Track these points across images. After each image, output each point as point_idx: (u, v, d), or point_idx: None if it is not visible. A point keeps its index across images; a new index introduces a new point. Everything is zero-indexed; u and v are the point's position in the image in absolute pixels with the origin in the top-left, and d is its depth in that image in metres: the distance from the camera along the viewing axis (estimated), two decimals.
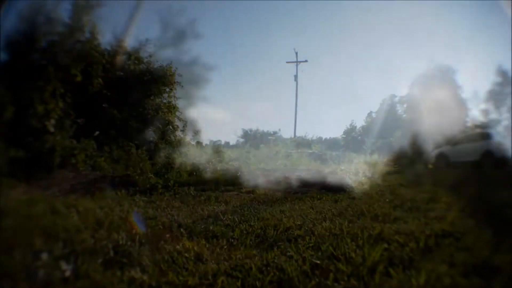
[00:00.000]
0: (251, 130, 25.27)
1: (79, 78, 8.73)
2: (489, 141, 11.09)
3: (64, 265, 3.14)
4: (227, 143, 21.43)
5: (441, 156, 12.40)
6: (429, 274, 3.01)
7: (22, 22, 7.94)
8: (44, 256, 3.21)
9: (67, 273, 3.05)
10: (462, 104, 13.07)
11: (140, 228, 4.51)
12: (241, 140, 20.06)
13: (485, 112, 12.59)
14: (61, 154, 7.75)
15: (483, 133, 11.77)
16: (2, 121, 6.67)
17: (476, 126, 12.64)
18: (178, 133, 13.33)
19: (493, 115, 12.37)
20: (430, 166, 12.88)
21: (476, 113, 12.97)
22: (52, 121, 7.87)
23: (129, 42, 12.66)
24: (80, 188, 6.99)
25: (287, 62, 32.06)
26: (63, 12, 8.69)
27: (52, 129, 7.78)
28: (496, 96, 12.00)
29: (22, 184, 6.38)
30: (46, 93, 7.84)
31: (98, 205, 5.63)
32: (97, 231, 4.13)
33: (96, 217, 4.73)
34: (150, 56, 12.93)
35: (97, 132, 8.92)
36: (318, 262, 3.39)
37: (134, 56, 12.10)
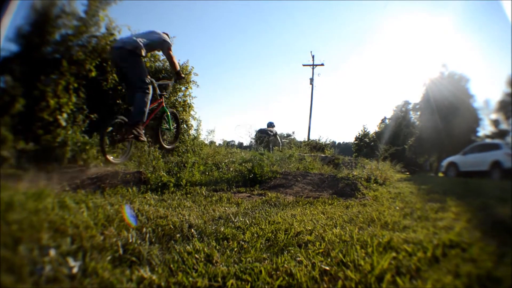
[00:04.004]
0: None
1: (93, 74, 8.77)
2: (497, 152, 11.10)
3: (71, 262, 3.09)
4: (240, 144, 21.55)
5: (451, 165, 12.42)
6: (434, 284, 3.02)
7: (35, 13, 7.96)
8: (51, 251, 3.20)
9: (75, 270, 3.01)
10: (474, 113, 13.10)
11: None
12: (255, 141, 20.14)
13: (495, 122, 12.57)
14: (73, 149, 7.78)
15: (492, 144, 11.79)
16: (12, 113, 6.71)
17: (486, 136, 12.66)
18: (192, 132, 13.40)
19: (503, 126, 12.34)
20: (440, 174, 12.93)
21: (487, 123, 12.96)
22: (65, 115, 7.90)
23: None
24: (91, 183, 6.98)
25: (304, 65, 32.45)
26: (78, 6, 8.74)
27: (64, 123, 7.82)
28: (506, 107, 11.98)
29: (30, 177, 6.41)
30: (59, 86, 7.88)
31: (108, 202, 5.60)
32: (106, 228, 4.10)
33: (106, 213, 4.69)
34: None
35: (110, 128, 8.97)
36: (327, 268, 3.32)
37: (150, 53, 12.21)
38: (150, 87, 8.35)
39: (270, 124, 20.39)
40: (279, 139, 20.00)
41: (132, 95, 8.18)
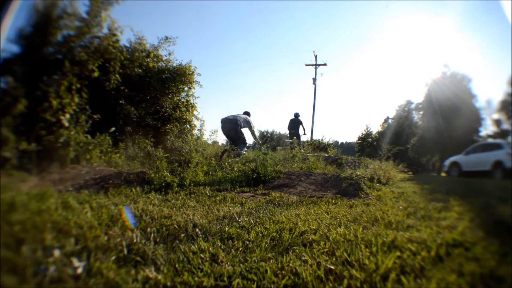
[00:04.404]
0: (267, 132, 25.42)
1: (96, 74, 8.77)
2: (499, 152, 11.09)
3: (76, 262, 3.07)
4: None
5: (453, 165, 12.42)
6: (439, 283, 3.02)
7: (37, 14, 7.96)
8: (56, 252, 3.19)
9: (79, 270, 3.01)
10: (476, 113, 13.09)
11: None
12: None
13: (497, 122, 12.55)
14: (76, 149, 7.79)
15: (494, 143, 11.79)
16: (14, 114, 6.70)
17: (488, 136, 12.64)
18: (196, 132, 13.47)
19: (505, 125, 12.32)
20: (443, 174, 12.94)
21: (489, 123, 12.94)
22: (67, 116, 7.90)
23: (149, 40, 12.83)
24: (94, 183, 6.98)
25: (306, 65, 32.38)
26: (80, 6, 8.74)
27: (67, 124, 7.82)
28: (508, 107, 11.96)
29: (33, 178, 6.40)
30: (61, 87, 7.88)
31: (112, 202, 5.60)
32: (110, 228, 4.10)
33: (110, 213, 4.69)
34: (170, 54, 13.09)
35: (113, 128, 8.96)
36: (333, 267, 3.32)
37: (153, 53, 12.24)
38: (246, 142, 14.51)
39: (297, 114, 21.17)
40: (303, 128, 21.52)
41: (237, 143, 13.81)
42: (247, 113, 15.14)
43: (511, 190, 7.78)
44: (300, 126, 21.09)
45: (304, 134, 21.13)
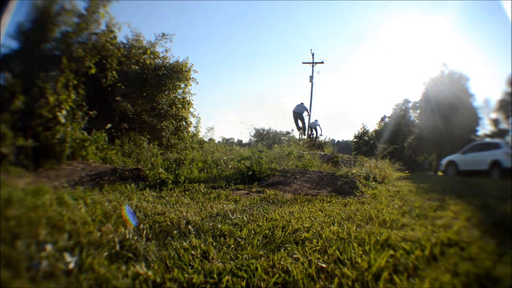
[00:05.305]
0: (263, 130, 25.46)
1: (93, 71, 8.75)
2: (497, 151, 11.05)
3: (68, 257, 3.09)
4: (239, 141, 21.75)
5: (450, 164, 12.38)
6: (432, 283, 3.00)
7: (36, 11, 7.94)
8: (48, 247, 3.19)
9: (71, 265, 3.01)
10: (474, 112, 13.06)
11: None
12: (254, 139, 20.43)
13: (495, 121, 12.52)
14: (72, 145, 7.77)
15: (492, 143, 11.75)
16: (12, 110, 6.68)
17: (486, 135, 12.62)
18: (191, 129, 13.46)
19: (503, 125, 12.29)
20: (440, 173, 12.91)
21: (486, 122, 12.92)
22: (64, 112, 7.88)
23: (146, 36, 12.82)
24: (89, 180, 6.98)
25: (303, 63, 32.28)
26: (78, 3, 8.73)
27: (63, 120, 7.79)
28: (506, 106, 11.93)
29: (29, 174, 6.39)
30: (58, 83, 7.86)
31: (106, 198, 5.61)
32: (104, 224, 4.10)
33: (104, 210, 4.69)
34: (166, 51, 13.07)
35: (109, 125, 8.96)
36: (324, 265, 3.33)
37: (150, 50, 12.23)
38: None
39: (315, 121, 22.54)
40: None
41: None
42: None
43: (509, 190, 7.75)
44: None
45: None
